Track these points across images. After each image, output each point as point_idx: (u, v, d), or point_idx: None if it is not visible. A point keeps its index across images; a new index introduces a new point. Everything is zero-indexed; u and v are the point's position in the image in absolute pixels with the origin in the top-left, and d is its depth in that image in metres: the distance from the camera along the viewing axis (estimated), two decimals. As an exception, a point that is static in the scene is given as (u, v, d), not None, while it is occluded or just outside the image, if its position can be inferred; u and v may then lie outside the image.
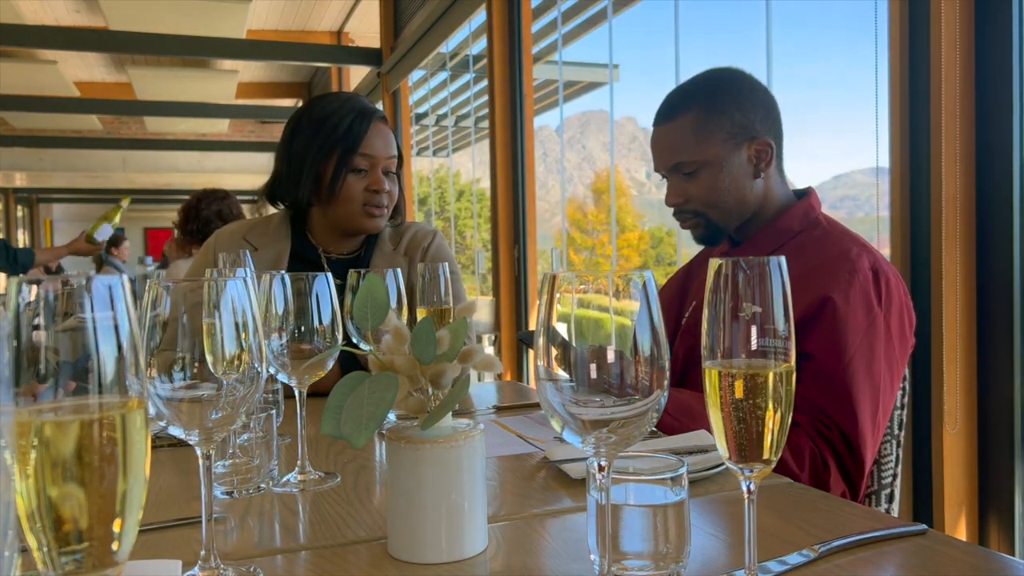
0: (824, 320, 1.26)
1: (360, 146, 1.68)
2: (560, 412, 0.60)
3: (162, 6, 5.68)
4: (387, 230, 1.85)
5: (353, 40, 7.84)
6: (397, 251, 1.82)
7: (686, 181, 1.44)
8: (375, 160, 1.70)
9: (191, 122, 10.32)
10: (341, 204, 1.71)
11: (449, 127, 7.52)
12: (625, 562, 0.71)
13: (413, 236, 1.85)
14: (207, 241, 1.83)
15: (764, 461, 0.63)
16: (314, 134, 1.69)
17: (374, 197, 1.70)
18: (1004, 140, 1.69)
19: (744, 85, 1.43)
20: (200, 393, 0.68)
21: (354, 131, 1.68)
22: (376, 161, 1.71)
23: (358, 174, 1.70)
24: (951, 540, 0.81)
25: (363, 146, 1.68)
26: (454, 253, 1.94)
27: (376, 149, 1.70)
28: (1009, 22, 1.67)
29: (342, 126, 1.68)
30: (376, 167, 1.71)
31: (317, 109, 1.73)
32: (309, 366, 1.02)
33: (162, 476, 1.09)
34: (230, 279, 0.68)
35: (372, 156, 1.70)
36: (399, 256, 1.81)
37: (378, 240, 1.83)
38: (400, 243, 1.83)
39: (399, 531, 0.78)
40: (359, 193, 1.70)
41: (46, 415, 0.47)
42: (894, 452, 1.40)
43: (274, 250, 1.76)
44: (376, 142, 1.70)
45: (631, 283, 0.59)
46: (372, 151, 1.70)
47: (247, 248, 1.74)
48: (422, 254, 1.82)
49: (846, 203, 18.24)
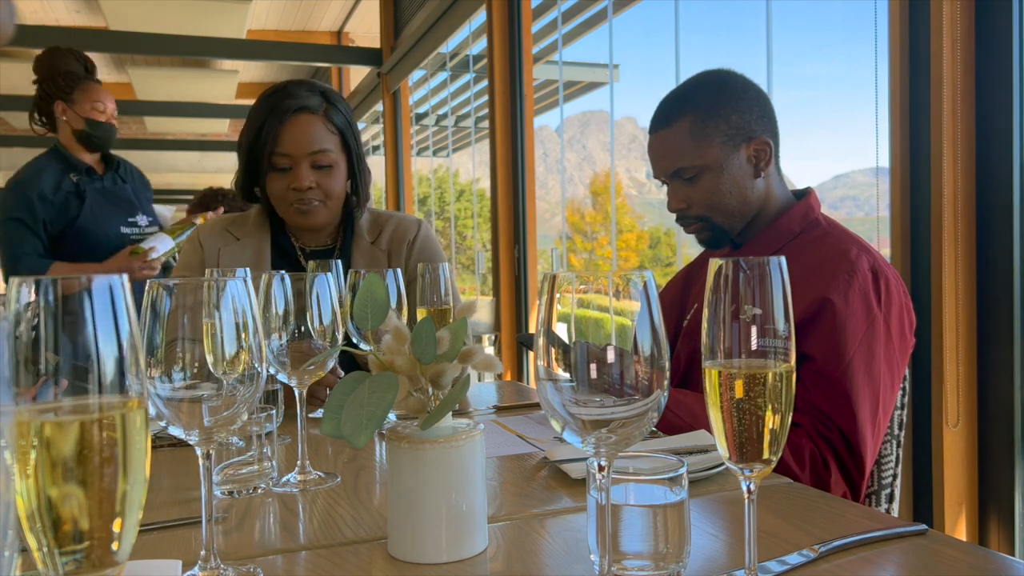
0: (824, 321, 1.26)
1: (275, 144, 1.62)
2: (560, 412, 0.60)
3: (162, 6, 5.69)
4: (364, 220, 1.79)
5: (353, 40, 7.84)
6: (377, 244, 1.77)
7: (687, 186, 1.43)
8: (294, 157, 1.63)
9: (191, 122, 10.31)
10: (273, 202, 1.68)
11: (449, 127, 7.52)
12: (625, 562, 0.71)
13: (395, 229, 1.79)
14: (191, 233, 1.82)
15: (764, 461, 0.63)
16: (248, 130, 1.66)
17: (297, 195, 1.64)
18: (1004, 140, 1.69)
19: (737, 86, 1.43)
20: (200, 393, 0.68)
21: (268, 127, 1.62)
22: (295, 159, 1.63)
23: (280, 172, 1.64)
24: (951, 540, 0.81)
25: (279, 144, 1.62)
26: (454, 253, 1.93)
27: (290, 146, 1.62)
28: (1009, 22, 1.67)
29: (258, 122, 1.63)
30: (298, 164, 1.63)
31: (256, 102, 1.68)
32: (309, 366, 1.02)
33: (162, 476, 1.09)
34: (230, 279, 0.68)
35: (288, 154, 1.62)
36: (378, 250, 1.76)
37: (354, 232, 1.77)
38: (380, 236, 1.78)
39: (399, 531, 0.78)
40: (283, 192, 1.65)
41: (46, 415, 0.47)
42: (894, 452, 1.40)
43: (255, 241, 1.74)
44: (291, 139, 1.62)
45: (631, 283, 0.59)
46: (286, 149, 1.62)
47: (229, 238, 1.74)
48: (408, 248, 1.77)
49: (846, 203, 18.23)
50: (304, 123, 1.63)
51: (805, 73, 42.25)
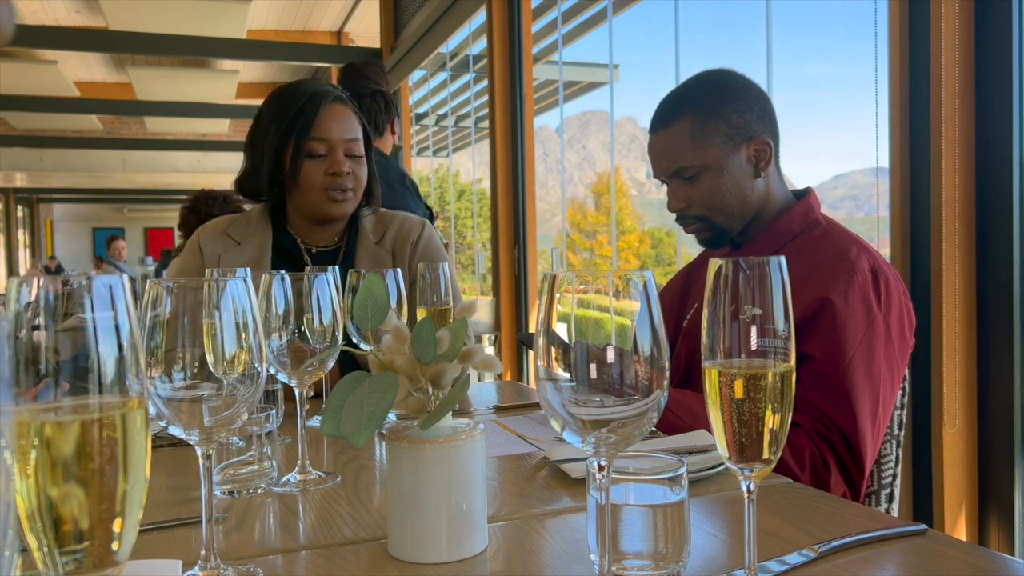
0: (823, 321, 1.26)
1: (312, 130, 1.62)
2: (560, 412, 0.60)
3: (162, 6, 5.69)
4: (369, 221, 1.78)
5: (353, 40, 7.84)
6: (381, 244, 1.76)
7: (687, 186, 1.43)
8: (332, 143, 1.64)
9: (191, 122, 10.32)
10: (304, 192, 1.66)
11: (449, 127, 7.52)
12: (625, 562, 0.71)
13: (399, 229, 1.78)
14: (191, 238, 1.79)
15: (764, 461, 0.63)
16: (270, 123, 1.65)
17: (335, 180, 1.64)
18: (1004, 140, 1.69)
19: (737, 85, 1.43)
20: (200, 393, 0.68)
21: (305, 114, 1.62)
22: (333, 144, 1.64)
23: (316, 159, 1.64)
24: (951, 540, 0.81)
25: (316, 129, 1.62)
26: (454, 253, 1.92)
27: (331, 131, 1.63)
28: (1009, 22, 1.67)
29: (291, 112, 1.63)
30: (335, 150, 1.64)
31: (274, 97, 1.68)
32: (309, 366, 1.02)
33: (162, 476, 1.09)
34: (230, 279, 0.68)
35: (327, 139, 1.63)
36: (383, 250, 1.75)
37: (359, 232, 1.76)
38: (385, 236, 1.77)
39: (399, 531, 0.78)
40: (320, 178, 1.64)
41: (46, 415, 0.47)
42: (894, 452, 1.40)
43: (256, 244, 1.72)
44: (330, 124, 1.63)
45: (631, 283, 0.59)
46: (326, 134, 1.63)
47: (230, 243, 1.72)
48: (411, 248, 1.76)
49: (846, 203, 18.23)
50: (340, 111, 1.66)
51: (805, 73, 42.30)
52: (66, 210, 17.86)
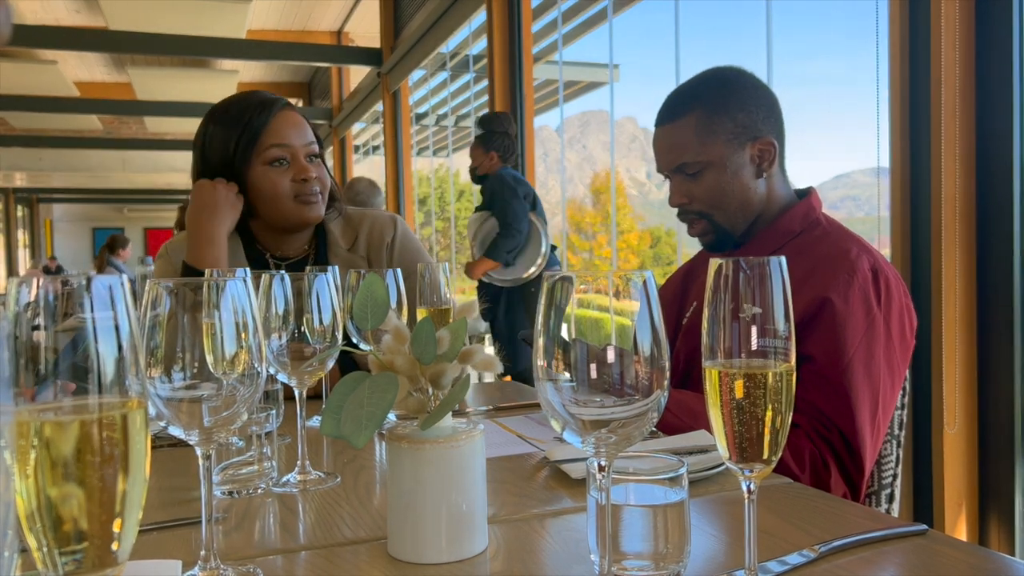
0: (823, 321, 1.26)
1: (272, 138, 1.58)
2: (560, 412, 0.60)
3: (162, 6, 5.69)
4: (336, 226, 1.73)
5: (353, 40, 7.85)
6: (354, 251, 1.71)
7: (689, 181, 1.43)
8: (293, 149, 1.59)
9: (191, 122, 10.31)
10: (272, 202, 1.60)
11: (449, 127, 7.52)
12: (625, 562, 0.71)
13: (371, 232, 1.73)
14: (159, 251, 1.74)
15: (764, 461, 0.63)
16: (223, 138, 1.60)
17: (303, 186, 1.59)
18: (1004, 141, 1.69)
19: (746, 84, 1.42)
20: (200, 393, 0.68)
21: (255, 127, 1.57)
22: (294, 150, 1.59)
23: (278, 167, 1.59)
24: (951, 540, 0.81)
25: (273, 137, 1.58)
26: (454, 253, 1.91)
27: (289, 137, 1.59)
28: (1009, 22, 1.67)
29: (242, 122, 1.58)
30: (297, 154, 1.60)
31: (218, 113, 1.62)
32: (309, 366, 1.02)
33: (162, 476, 1.09)
34: (230, 279, 0.68)
35: (287, 145, 1.59)
36: (357, 257, 1.70)
37: (328, 239, 1.71)
38: (357, 242, 1.72)
39: (399, 531, 0.78)
40: (287, 186, 1.59)
41: (46, 415, 0.47)
42: (894, 452, 1.40)
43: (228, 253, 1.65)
44: (288, 131, 1.59)
45: (631, 283, 0.59)
46: (285, 140, 1.59)
47: None
48: (387, 251, 1.71)
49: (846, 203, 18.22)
50: (293, 117, 1.63)
51: (805, 73, 42.24)
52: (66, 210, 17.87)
